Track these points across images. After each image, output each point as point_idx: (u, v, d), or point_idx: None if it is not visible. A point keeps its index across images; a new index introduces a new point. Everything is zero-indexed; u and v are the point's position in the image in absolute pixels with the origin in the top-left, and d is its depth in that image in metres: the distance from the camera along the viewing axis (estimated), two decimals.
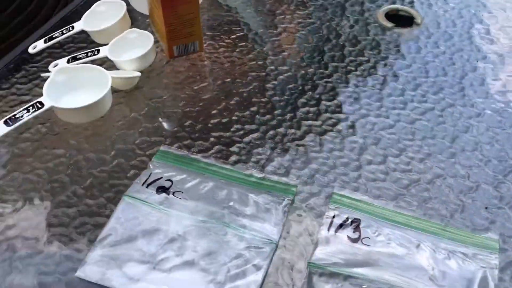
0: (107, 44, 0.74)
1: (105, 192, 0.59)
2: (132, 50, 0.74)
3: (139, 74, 0.70)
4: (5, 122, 0.63)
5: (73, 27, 0.78)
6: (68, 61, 0.73)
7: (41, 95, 0.69)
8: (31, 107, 0.64)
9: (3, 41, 0.95)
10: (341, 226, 0.54)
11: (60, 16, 0.85)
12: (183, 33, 0.73)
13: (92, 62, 0.72)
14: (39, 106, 0.64)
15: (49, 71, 0.74)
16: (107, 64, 0.73)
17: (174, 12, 0.70)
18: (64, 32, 0.78)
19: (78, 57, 0.74)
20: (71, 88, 0.68)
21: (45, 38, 0.78)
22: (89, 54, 0.74)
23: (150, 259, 0.52)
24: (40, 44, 0.77)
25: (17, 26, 0.99)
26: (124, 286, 0.50)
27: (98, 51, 0.73)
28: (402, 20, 0.84)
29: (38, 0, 0.99)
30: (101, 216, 0.57)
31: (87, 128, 0.66)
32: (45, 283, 0.51)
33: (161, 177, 0.59)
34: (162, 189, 0.58)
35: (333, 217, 0.55)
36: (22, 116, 0.63)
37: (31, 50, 0.77)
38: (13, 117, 0.63)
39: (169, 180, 0.59)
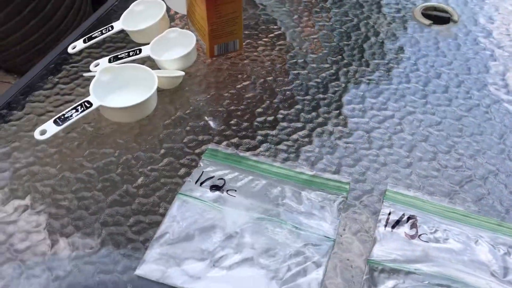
0: (146, 44, 0.75)
1: (157, 190, 0.59)
2: (173, 49, 0.74)
3: (183, 73, 0.71)
4: (55, 122, 0.63)
5: (112, 27, 0.78)
6: (109, 61, 0.73)
7: (83, 94, 0.70)
8: (79, 107, 0.64)
9: (41, 41, 0.95)
10: (397, 222, 0.55)
11: (96, 16, 0.86)
12: (225, 32, 0.73)
13: (133, 61, 0.72)
14: (87, 105, 0.64)
15: (90, 71, 0.74)
16: (147, 63, 0.73)
17: (217, 11, 0.70)
18: (103, 32, 0.78)
19: (119, 56, 0.74)
20: (116, 87, 0.68)
21: (84, 38, 0.78)
22: (130, 53, 0.74)
23: (208, 256, 0.52)
24: (79, 44, 0.78)
25: (53, 27, 1.00)
26: (186, 284, 0.50)
27: (140, 50, 0.74)
28: (437, 18, 0.84)
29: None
30: (156, 215, 0.57)
31: (133, 127, 0.66)
32: (105, 281, 0.51)
33: (213, 176, 0.59)
34: (215, 188, 0.58)
35: (389, 214, 0.55)
36: (71, 115, 0.63)
37: (70, 50, 0.78)
38: (62, 117, 0.63)
39: (222, 178, 0.59)
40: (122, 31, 0.78)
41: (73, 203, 0.58)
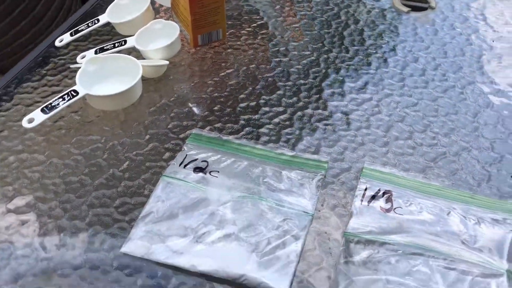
0: (132, 36, 0.77)
1: (142, 173, 0.61)
2: (158, 40, 0.76)
3: (167, 62, 0.73)
4: (42, 110, 0.65)
5: (98, 20, 0.80)
6: (95, 52, 0.75)
7: (70, 85, 0.71)
8: (66, 95, 0.66)
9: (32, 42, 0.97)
10: (373, 197, 0.57)
11: (83, 11, 0.87)
12: (208, 21, 0.75)
13: (118, 52, 0.74)
14: (74, 94, 0.66)
15: (76, 63, 0.76)
16: (133, 54, 0.75)
17: (200, 1, 0.72)
18: (90, 25, 0.80)
19: (105, 48, 0.76)
20: (102, 77, 0.70)
21: (71, 31, 0.80)
22: (116, 45, 0.76)
23: (192, 233, 0.54)
24: (66, 37, 0.80)
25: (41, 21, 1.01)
26: (169, 259, 0.52)
27: (125, 41, 0.75)
28: (415, 6, 0.86)
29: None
30: (141, 196, 0.59)
31: (119, 115, 0.68)
32: (92, 259, 0.53)
33: (197, 158, 0.61)
34: (198, 169, 0.60)
35: (365, 189, 0.57)
36: (58, 104, 0.65)
37: (57, 43, 0.80)
38: (50, 105, 0.65)
39: (205, 161, 0.61)
40: (108, 24, 0.80)
41: (61, 187, 0.60)
